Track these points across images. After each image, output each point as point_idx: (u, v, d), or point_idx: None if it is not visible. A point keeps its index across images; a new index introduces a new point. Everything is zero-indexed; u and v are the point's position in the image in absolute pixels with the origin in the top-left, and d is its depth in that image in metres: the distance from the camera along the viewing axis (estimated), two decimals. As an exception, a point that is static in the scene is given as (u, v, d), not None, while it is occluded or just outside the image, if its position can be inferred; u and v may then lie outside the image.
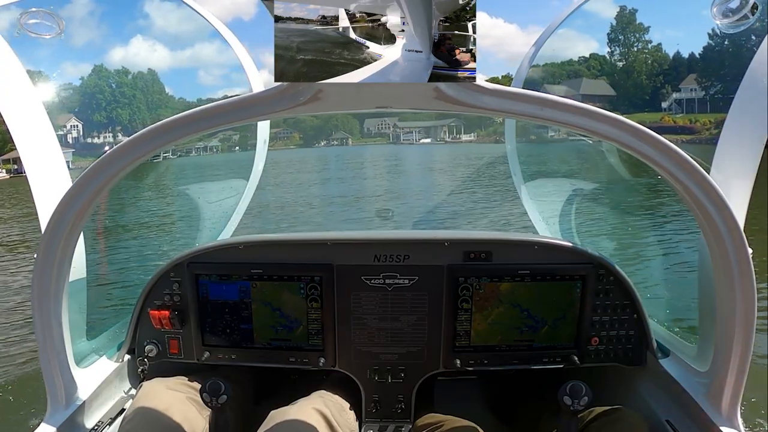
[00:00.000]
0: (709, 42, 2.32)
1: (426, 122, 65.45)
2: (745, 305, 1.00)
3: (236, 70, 1.84)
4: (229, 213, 2.32)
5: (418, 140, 66.58)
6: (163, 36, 2.43)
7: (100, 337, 1.60)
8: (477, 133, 63.60)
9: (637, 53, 3.43)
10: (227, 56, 1.64)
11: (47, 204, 1.23)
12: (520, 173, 2.53)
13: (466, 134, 65.02)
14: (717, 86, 2.46)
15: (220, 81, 3.24)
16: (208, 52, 2.37)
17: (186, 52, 4.91)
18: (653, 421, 1.29)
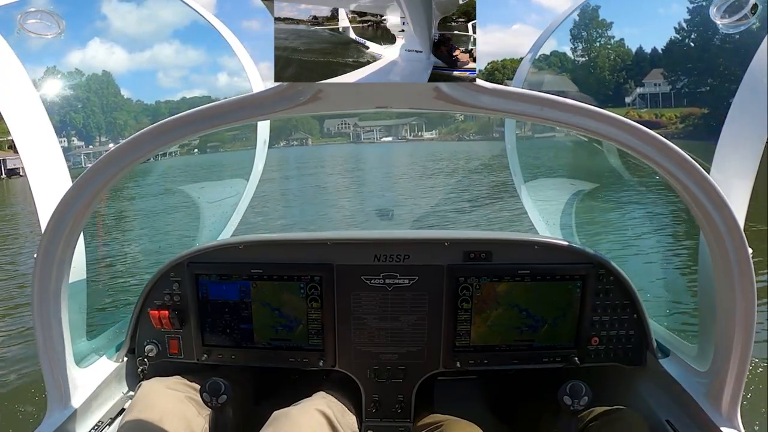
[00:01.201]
0: (675, 36, 2.33)
1: (387, 121, 65.47)
2: (745, 305, 1.00)
3: (196, 72, 1.83)
4: (229, 213, 2.32)
5: (379, 139, 66.09)
6: (121, 38, 2.40)
7: (100, 337, 1.60)
8: (438, 130, 63.98)
9: (600, 49, 3.46)
10: (186, 57, 1.63)
11: (47, 204, 1.23)
12: (520, 173, 2.53)
13: (428, 132, 65.17)
14: (683, 80, 2.46)
15: (179, 83, 3.23)
16: (167, 54, 2.34)
17: (145, 53, 4.90)
18: (653, 421, 1.29)
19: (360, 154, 40.38)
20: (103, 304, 2.02)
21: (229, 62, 1.94)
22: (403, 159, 30.95)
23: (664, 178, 0.96)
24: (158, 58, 14.50)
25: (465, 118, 58.21)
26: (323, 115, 3.32)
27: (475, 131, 58.40)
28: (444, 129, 62.93)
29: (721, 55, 2.31)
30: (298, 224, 10.79)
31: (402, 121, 63.88)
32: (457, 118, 58.75)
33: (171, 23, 5.12)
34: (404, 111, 0.93)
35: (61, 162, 1.37)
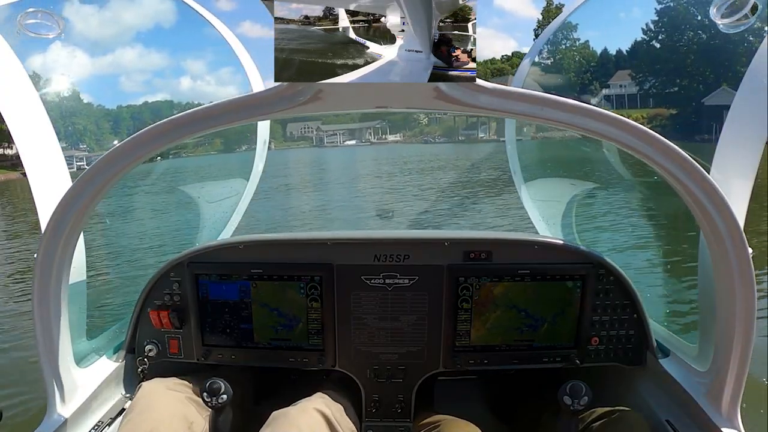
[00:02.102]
0: (642, 37, 2.33)
1: (350, 124, 65.03)
2: (745, 305, 1.00)
3: (158, 76, 1.81)
4: (229, 213, 2.32)
5: (342, 142, 65.16)
6: (83, 42, 2.38)
7: (100, 337, 1.60)
8: (403, 133, 63.45)
9: (566, 51, 3.46)
10: (148, 61, 1.62)
11: (47, 204, 1.23)
12: (520, 173, 2.53)
13: (392, 135, 64.65)
14: (651, 81, 2.46)
15: (141, 87, 3.16)
16: (129, 58, 2.29)
17: (107, 57, 4.81)
18: (653, 421, 1.29)
19: (323, 158, 39.30)
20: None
21: (192, 66, 1.94)
22: (368, 165, 29.72)
23: (664, 178, 0.96)
24: (121, 62, 14.43)
25: (429, 122, 57.59)
26: (286, 119, 3.35)
27: (440, 134, 58.03)
28: (408, 132, 62.43)
29: (689, 55, 2.32)
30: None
31: (365, 124, 63.60)
32: (421, 122, 58.28)
33: (134, 26, 5.10)
34: (399, 111, 0.93)
35: (61, 162, 1.37)
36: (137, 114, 2.08)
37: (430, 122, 59.38)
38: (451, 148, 18.81)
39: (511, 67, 16.60)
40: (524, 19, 44.38)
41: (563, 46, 7.23)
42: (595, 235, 3.08)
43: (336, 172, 25.01)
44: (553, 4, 55.24)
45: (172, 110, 1.43)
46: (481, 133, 52.09)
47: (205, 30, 1.82)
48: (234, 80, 2.12)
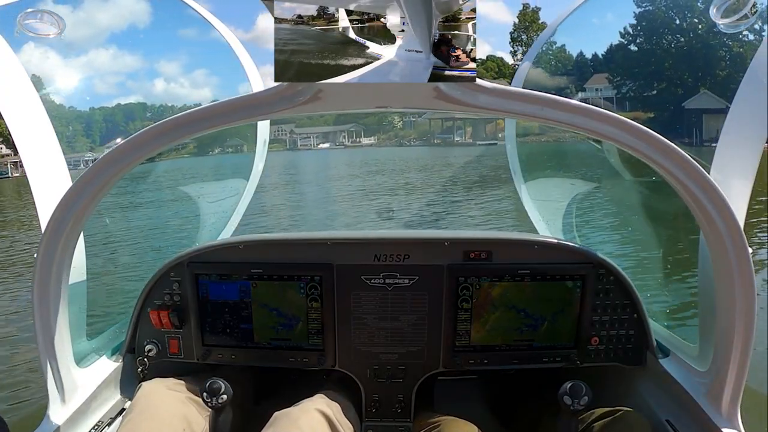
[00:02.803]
0: (620, 41, 2.33)
1: (324, 127, 64.50)
2: (745, 305, 1.00)
3: (132, 78, 1.80)
4: (229, 213, 2.32)
5: (316, 146, 64.38)
6: (56, 43, 2.34)
7: (100, 337, 1.60)
8: (377, 137, 62.61)
9: (541, 54, 3.43)
10: (122, 63, 1.61)
11: (47, 204, 1.23)
12: (520, 173, 2.53)
13: (366, 138, 63.87)
14: (628, 85, 2.46)
15: (114, 89, 3.10)
16: (102, 60, 2.29)
17: (80, 59, 4.78)
18: (653, 421, 1.29)
19: (296, 161, 38.03)
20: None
21: (167, 68, 1.93)
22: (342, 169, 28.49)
23: (664, 178, 0.96)
24: (94, 64, 13.98)
25: (404, 125, 57.01)
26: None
27: (415, 137, 57.53)
28: (383, 135, 61.56)
29: (667, 59, 2.34)
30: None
31: (340, 127, 62.98)
32: (396, 125, 57.71)
33: (108, 27, 5.06)
34: (399, 111, 0.94)
35: (61, 162, 1.37)
36: (110, 116, 2.10)
37: (405, 126, 58.65)
38: (427, 151, 18.54)
39: (485, 70, 16.47)
40: (498, 23, 44.03)
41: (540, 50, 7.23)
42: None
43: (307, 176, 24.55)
44: (529, 7, 55.14)
45: (145, 112, 1.43)
46: (457, 136, 51.86)
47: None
48: (209, 82, 2.11)
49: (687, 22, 2.39)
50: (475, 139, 48.98)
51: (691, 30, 2.41)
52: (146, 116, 1.34)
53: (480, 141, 46.90)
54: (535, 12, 52.94)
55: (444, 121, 51.76)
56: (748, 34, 1.28)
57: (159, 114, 2.16)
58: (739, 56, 4.15)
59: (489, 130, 48.88)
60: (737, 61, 3.60)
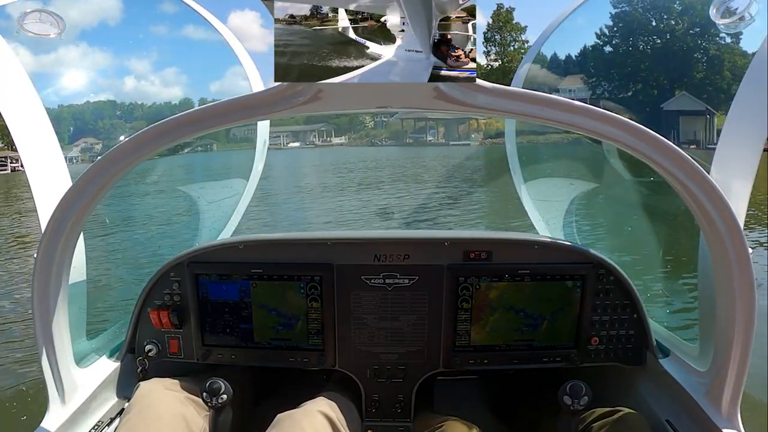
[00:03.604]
0: (596, 42, 2.33)
1: (294, 126, 63.66)
2: (745, 305, 1.00)
3: (102, 75, 1.78)
4: (229, 213, 2.32)
5: (286, 144, 62.52)
6: (26, 39, 2.30)
7: (100, 337, 1.60)
8: (348, 136, 61.27)
9: (514, 53, 3.30)
10: (92, 60, 1.60)
11: (47, 204, 1.23)
12: (520, 173, 2.53)
13: (337, 138, 62.64)
14: (604, 86, 2.45)
15: (84, 87, 3.09)
16: (72, 57, 2.25)
17: (50, 56, 4.69)
18: (653, 421, 1.29)
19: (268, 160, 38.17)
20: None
21: (137, 66, 1.92)
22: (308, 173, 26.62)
23: (664, 178, 0.96)
24: (64, 60, 13.55)
25: (375, 125, 56.49)
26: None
27: (387, 137, 56.65)
28: (354, 135, 60.16)
29: (644, 61, 2.34)
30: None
31: (310, 126, 61.93)
32: (367, 125, 57.08)
33: (78, 23, 4.98)
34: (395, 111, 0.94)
35: (61, 162, 1.37)
36: (79, 114, 2.10)
37: (376, 125, 57.42)
38: (398, 151, 17.97)
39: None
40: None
41: (511, 48, 7.23)
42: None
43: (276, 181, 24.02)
44: (503, 7, 54.91)
45: (115, 110, 1.43)
46: (429, 136, 51.19)
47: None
48: (179, 80, 2.10)
49: (664, 24, 2.42)
50: (447, 139, 48.53)
51: (668, 32, 2.44)
52: (116, 114, 1.33)
53: (453, 141, 46.55)
54: (509, 12, 52.59)
55: (416, 121, 51.08)
56: (725, 36, 1.28)
57: (128, 112, 2.15)
58: (716, 58, 4.13)
59: (462, 131, 48.50)
60: (714, 63, 3.58)
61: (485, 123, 46.10)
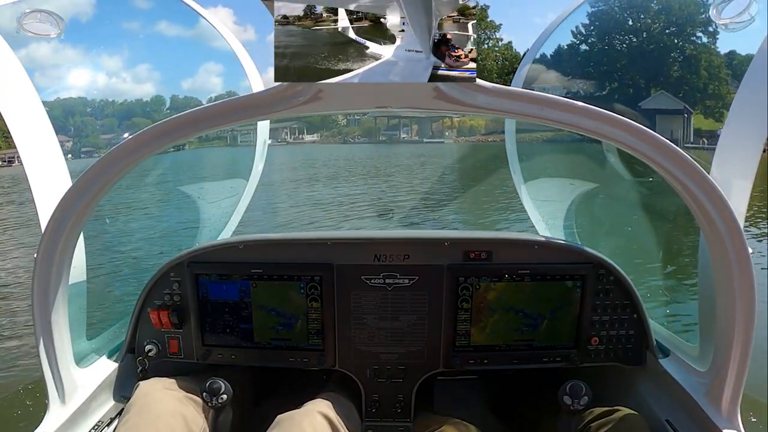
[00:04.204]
0: (572, 40, 2.32)
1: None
2: (745, 305, 1.00)
3: (73, 72, 1.76)
4: (229, 213, 2.32)
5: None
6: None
7: (100, 337, 1.60)
8: (321, 133, 60.12)
9: (488, 51, 3.21)
10: (62, 56, 1.58)
11: (47, 204, 1.23)
12: (520, 173, 2.53)
13: (309, 135, 61.41)
14: (579, 84, 2.45)
15: (56, 83, 3.09)
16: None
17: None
18: (653, 421, 1.29)
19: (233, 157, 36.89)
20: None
21: (109, 63, 1.90)
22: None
23: (665, 178, 0.96)
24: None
25: (348, 122, 55.88)
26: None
27: (360, 134, 55.90)
28: (326, 132, 58.94)
29: (620, 60, 2.35)
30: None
31: (282, 123, 60.71)
32: (339, 122, 56.51)
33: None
34: (400, 111, 0.94)
35: (61, 162, 1.37)
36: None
37: (349, 123, 56.14)
38: (372, 149, 17.29)
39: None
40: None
41: (485, 46, 7.15)
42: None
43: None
44: (477, 5, 55.05)
45: (86, 107, 1.42)
46: (403, 133, 50.59)
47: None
48: (151, 77, 2.09)
49: (640, 23, 2.43)
50: (421, 136, 48.01)
51: (644, 30, 2.45)
52: (86, 112, 1.33)
53: (426, 139, 45.99)
54: (483, 10, 52.28)
55: (389, 119, 50.40)
56: (701, 36, 1.28)
57: (99, 109, 2.14)
58: (693, 58, 4.07)
59: (435, 128, 48.05)
60: (691, 62, 3.55)
61: (459, 121, 45.80)
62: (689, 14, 2.86)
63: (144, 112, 1.40)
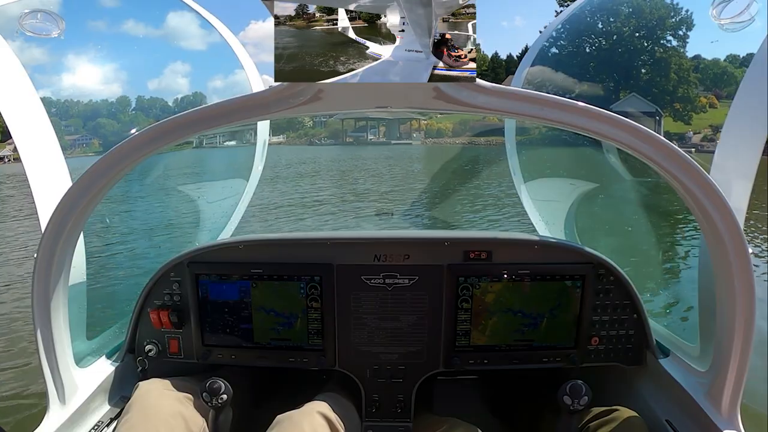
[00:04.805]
0: (544, 44, 2.33)
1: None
2: (745, 305, 1.00)
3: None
4: (229, 213, 2.32)
5: (221, 143, 62.08)
6: None
7: (100, 337, 1.60)
8: (287, 135, 58.55)
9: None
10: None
11: (47, 204, 1.23)
12: (520, 173, 2.53)
13: (275, 136, 59.24)
14: (548, 87, 2.47)
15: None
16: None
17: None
18: (653, 421, 1.29)
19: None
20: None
21: (74, 62, 1.88)
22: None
23: (665, 178, 0.96)
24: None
25: (314, 124, 55.44)
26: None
27: (326, 136, 55.25)
28: (292, 133, 58.82)
29: (590, 62, 2.35)
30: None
31: (246, 126, 60.92)
32: (306, 124, 56.22)
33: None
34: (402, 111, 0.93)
35: (61, 162, 1.37)
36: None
37: (315, 124, 55.17)
38: (339, 151, 16.62)
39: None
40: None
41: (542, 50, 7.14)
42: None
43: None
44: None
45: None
46: (370, 135, 49.84)
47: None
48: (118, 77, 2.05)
49: (610, 26, 2.44)
50: (389, 138, 47.28)
51: (614, 33, 2.45)
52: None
53: (394, 140, 45.25)
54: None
55: (357, 121, 49.87)
56: (671, 39, 1.28)
57: (64, 109, 2.13)
58: (663, 61, 4.09)
59: (403, 130, 47.55)
60: (661, 65, 3.55)
61: (426, 123, 45.51)
62: (659, 17, 2.89)
63: (109, 112, 1.38)
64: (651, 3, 2.50)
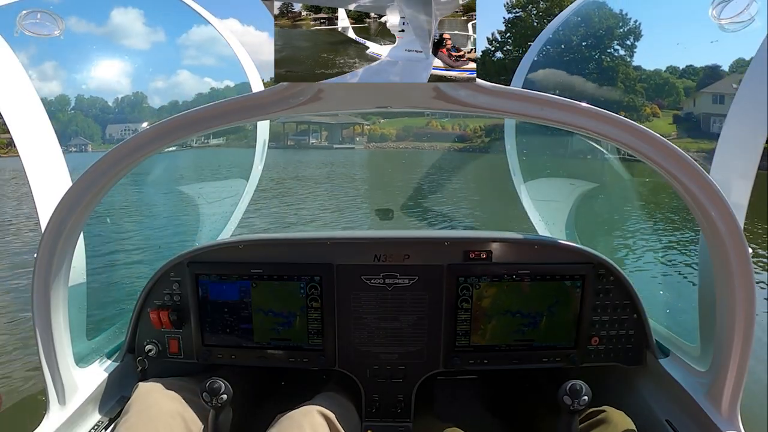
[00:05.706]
0: (488, 47, 2.33)
1: None
2: (745, 305, 1.00)
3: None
4: (229, 213, 2.32)
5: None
6: None
7: (100, 337, 1.60)
8: (226, 137, 59.87)
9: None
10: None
11: (47, 204, 1.23)
12: (520, 173, 2.53)
13: (215, 139, 60.89)
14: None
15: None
16: None
17: None
18: (653, 421, 1.29)
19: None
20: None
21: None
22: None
23: (665, 178, 0.96)
24: None
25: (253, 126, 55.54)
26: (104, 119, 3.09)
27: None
28: (232, 135, 55.97)
29: (536, 68, 2.36)
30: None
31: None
32: (246, 127, 55.20)
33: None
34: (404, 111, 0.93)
35: (61, 162, 1.37)
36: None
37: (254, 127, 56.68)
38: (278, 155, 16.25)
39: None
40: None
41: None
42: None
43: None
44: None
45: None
46: (312, 139, 48.59)
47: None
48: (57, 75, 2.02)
49: (559, 34, 2.46)
50: (331, 142, 46.58)
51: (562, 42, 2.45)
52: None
53: (336, 144, 44.26)
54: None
55: (298, 124, 49.72)
56: (618, 48, 1.27)
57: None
58: (611, 70, 4.08)
59: (346, 135, 47.12)
60: (608, 74, 3.55)
61: (369, 129, 45.34)
62: (608, 27, 2.91)
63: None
64: (600, 12, 2.51)
